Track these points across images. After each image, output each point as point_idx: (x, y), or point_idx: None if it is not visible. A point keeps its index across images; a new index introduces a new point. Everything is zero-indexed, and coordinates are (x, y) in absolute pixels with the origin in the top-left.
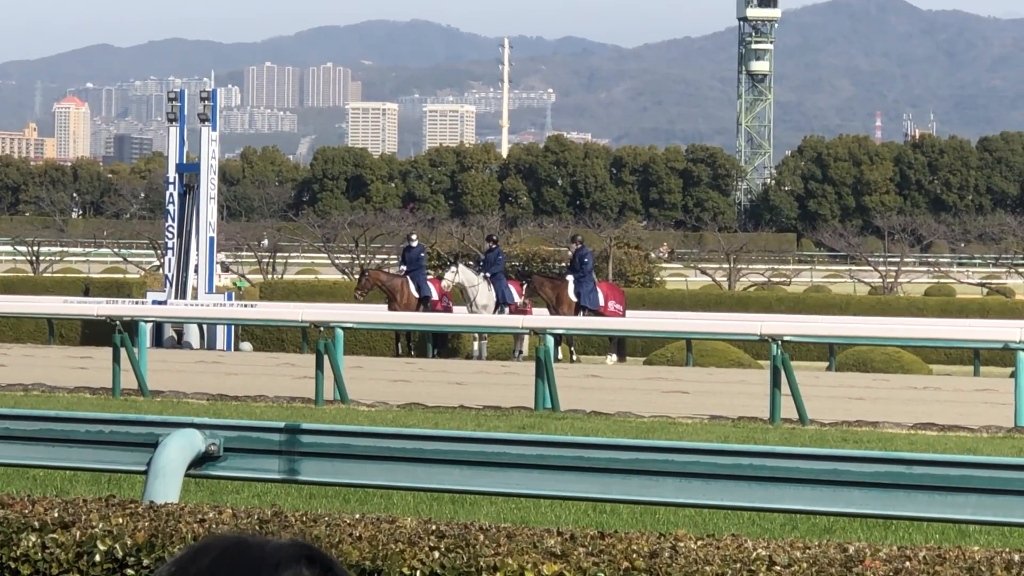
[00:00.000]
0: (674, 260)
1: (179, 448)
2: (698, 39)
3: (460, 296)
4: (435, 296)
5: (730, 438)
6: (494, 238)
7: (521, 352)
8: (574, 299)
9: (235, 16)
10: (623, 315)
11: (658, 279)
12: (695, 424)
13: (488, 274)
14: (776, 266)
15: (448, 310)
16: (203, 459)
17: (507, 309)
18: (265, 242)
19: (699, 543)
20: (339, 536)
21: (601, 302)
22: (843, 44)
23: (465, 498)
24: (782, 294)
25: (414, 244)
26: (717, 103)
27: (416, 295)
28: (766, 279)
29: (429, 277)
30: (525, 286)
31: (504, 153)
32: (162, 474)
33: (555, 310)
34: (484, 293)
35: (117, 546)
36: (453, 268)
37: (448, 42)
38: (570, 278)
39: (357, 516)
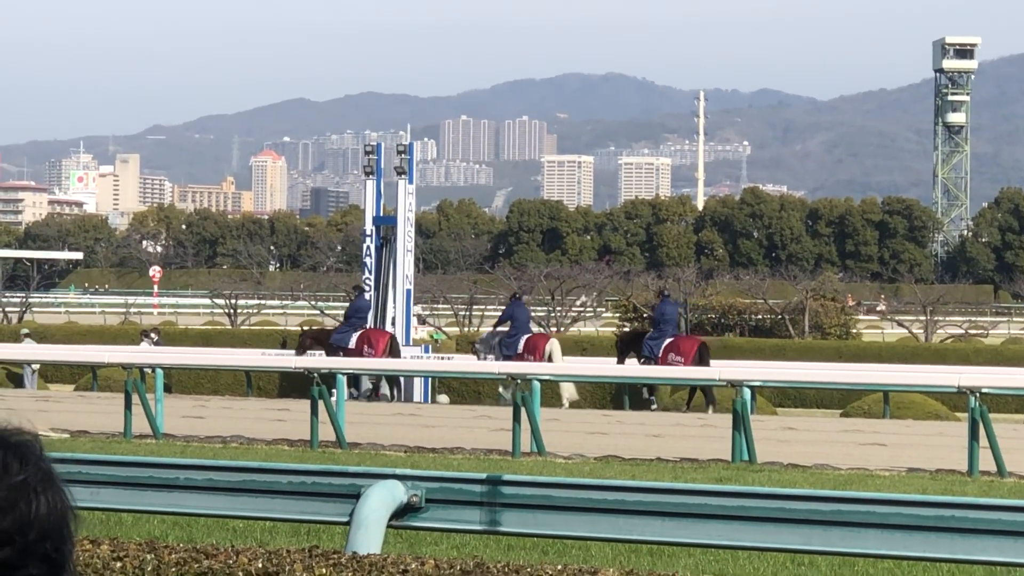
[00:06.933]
0: (885, 316)
1: (382, 499)
2: (893, 91)
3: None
4: (351, 346)
5: (928, 490)
6: (517, 295)
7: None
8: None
9: (431, 70)
10: (686, 364)
11: (855, 331)
12: (892, 476)
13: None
14: (973, 318)
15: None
16: (404, 510)
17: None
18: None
19: None
20: None
21: (659, 353)
22: None
23: (663, 549)
24: (979, 346)
25: (364, 295)
26: (913, 155)
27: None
28: (963, 331)
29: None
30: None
31: (700, 205)
32: (365, 525)
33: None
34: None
35: None
36: (478, 346)
37: (643, 95)
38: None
39: (559, 567)
